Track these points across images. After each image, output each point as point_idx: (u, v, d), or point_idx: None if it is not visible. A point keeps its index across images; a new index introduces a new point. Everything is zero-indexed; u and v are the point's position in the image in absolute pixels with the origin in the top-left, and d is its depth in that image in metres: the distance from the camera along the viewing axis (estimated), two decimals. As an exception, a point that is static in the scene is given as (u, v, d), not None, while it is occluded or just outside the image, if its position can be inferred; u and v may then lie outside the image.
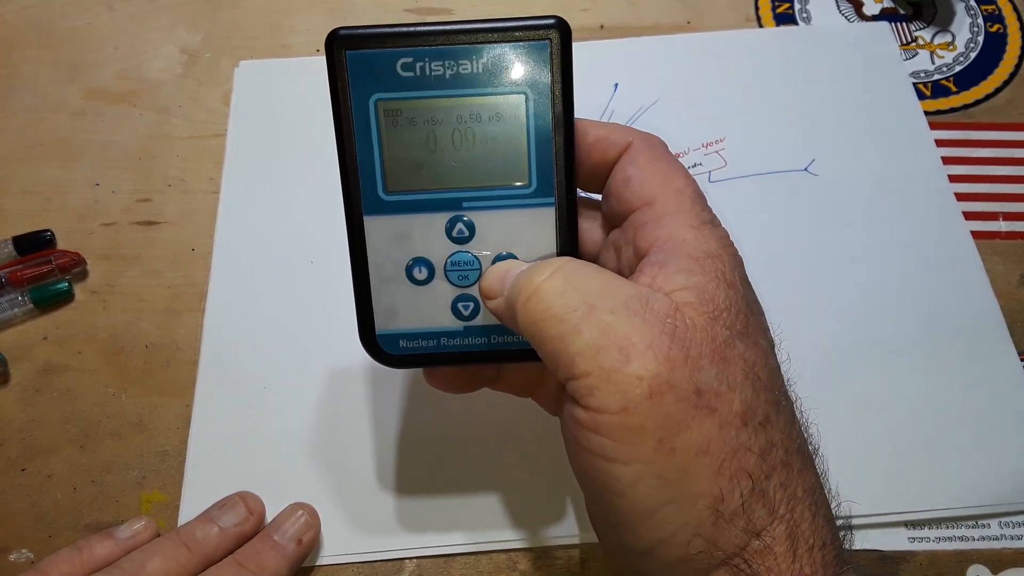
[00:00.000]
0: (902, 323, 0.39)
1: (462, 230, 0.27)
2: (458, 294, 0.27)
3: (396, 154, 0.26)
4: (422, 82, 0.25)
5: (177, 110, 0.47)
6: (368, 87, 0.26)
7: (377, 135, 0.26)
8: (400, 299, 0.27)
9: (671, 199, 0.26)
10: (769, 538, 0.22)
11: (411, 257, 0.27)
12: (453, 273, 0.27)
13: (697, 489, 0.22)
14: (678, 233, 0.25)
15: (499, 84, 0.25)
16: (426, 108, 0.25)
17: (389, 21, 0.49)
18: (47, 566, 0.31)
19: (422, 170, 0.26)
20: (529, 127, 0.26)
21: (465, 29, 0.25)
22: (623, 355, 0.22)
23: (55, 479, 0.37)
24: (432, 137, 0.26)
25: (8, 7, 0.50)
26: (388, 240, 0.27)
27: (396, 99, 0.25)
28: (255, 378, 0.38)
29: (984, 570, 0.34)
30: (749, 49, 0.48)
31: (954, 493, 0.35)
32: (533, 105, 0.25)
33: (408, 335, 0.28)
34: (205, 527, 0.32)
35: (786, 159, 0.44)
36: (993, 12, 0.50)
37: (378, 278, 0.27)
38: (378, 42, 0.25)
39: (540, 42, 0.25)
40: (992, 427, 0.37)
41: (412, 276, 0.27)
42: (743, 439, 0.22)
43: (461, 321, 0.27)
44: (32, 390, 0.39)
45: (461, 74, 0.25)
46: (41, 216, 0.43)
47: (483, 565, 0.35)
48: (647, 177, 0.26)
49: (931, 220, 0.42)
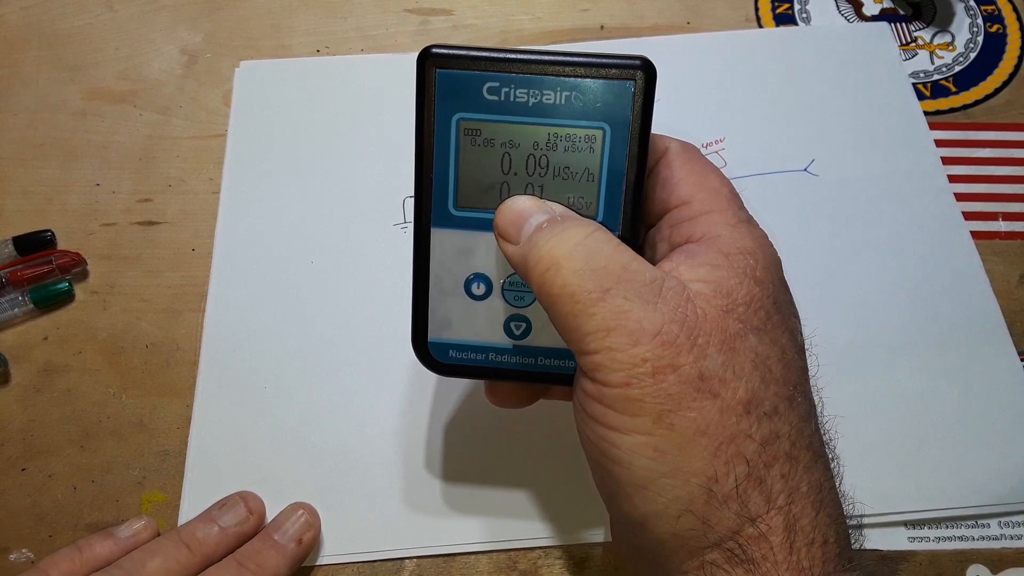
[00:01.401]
0: (902, 323, 0.39)
1: None
2: (512, 313, 0.28)
3: (471, 172, 0.26)
4: (505, 107, 0.26)
5: (177, 110, 0.47)
6: (453, 105, 0.26)
7: (456, 152, 0.26)
8: (456, 311, 0.28)
9: (708, 198, 0.26)
10: (764, 526, 0.22)
11: (471, 272, 0.28)
12: (510, 293, 0.28)
13: (692, 467, 0.22)
14: (714, 229, 0.26)
15: (580, 117, 0.26)
16: (505, 131, 0.26)
17: (389, 21, 0.50)
18: (47, 566, 0.31)
19: (493, 190, 0.27)
20: (603, 162, 0.26)
21: (556, 60, 0.25)
22: (631, 338, 0.22)
23: (55, 479, 0.37)
24: (507, 160, 0.26)
25: (8, 7, 0.50)
26: (452, 253, 0.27)
27: (478, 120, 0.26)
28: (255, 378, 0.38)
29: (984, 570, 0.34)
30: (749, 49, 0.48)
31: (954, 493, 0.35)
32: (610, 141, 0.26)
33: (459, 346, 0.28)
34: (205, 527, 0.32)
35: (786, 159, 0.44)
36: (993, 12, 0.50)
37: (437, 288, 0.28)
38: (468, 64, 0.26)
39: (626, 81, 0.25)
40: (992, 427, 0.37)
41: (470, 291, 0.28)
42: (744, 426, 0.22)
43: (512, 340, 0.28)
44: (32, 390, 0.39)
45: (544, 103, 0.26)
46: (41, 216, 0.43)
47: (483, 565, 0.35)
48: (684, 178, 0.27)
49: (931, 220, 0.42)
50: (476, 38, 0.49)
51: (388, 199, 0.43)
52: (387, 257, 0.41)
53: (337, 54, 0.48)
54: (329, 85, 0.47)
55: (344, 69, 0.47)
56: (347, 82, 0.47)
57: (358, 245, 0.41)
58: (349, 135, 0.45)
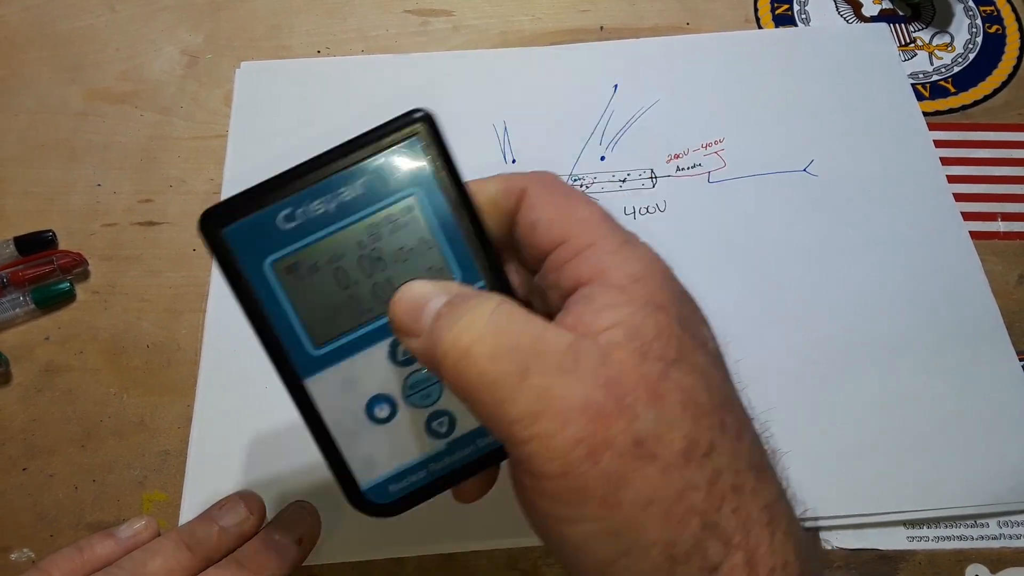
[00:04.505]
0: (901, 323, 0.39)
1: (406, 351, 0.25)
2: (427, 415, 0.26)
3: (311, 306, 0.25)
4: (308, 227, 0.24)
5: (178, 111, 0.47)
6: (257, 253, 0.24)
7: (285, 295, 0.25)
8: (372, 445, 0.26)
9: (582, 231, 0.25)
10: (727, 568, 0.22)
11: (367, 399, 0.26)
12: (414, 396, 0.26)
13: (647, 539, 0.21)
14: (599, 263, 0.24)
15: (385, 196, 0.25)
16: (323, 249, 0.24)
17: (389, 22, 0.50)
18: (48, 565, 0.31)
19: (343, 310, 0.25)
20: (431, 223, 0.25)
21: (331, 157, 0.25)
22: (560, 420, 0.21)
23: (56, 478, 0.37)
24: (341, 274, 0.25)
25: (10, 8, 0.51)
26: (337, 393, 0.25)
27: (289, 253, 0.24)
28: (256, 378, 0.38)
29: (983, 569, 0.34)
30: (748, 50, 0.48)
31: (953, 493, 0.35)
32: (427, 201, 0.25)
33: (395, 477, 0.26)
34: (206, 527, 0.32)
35: (785, 160, 0.44)
36: (992, 13, 0.50)
37: (342, 434, 0.26)
38: (248, 207, 0.24)
39: (409, 139, 0.25)
40: (990, 427, 0.37)
41: (375, 417, 0.26)
42: (688, 477, 0.22)
43: (442, 440, 0.26)
44: (34, 390, 0.39)
45: (344, 202, 0.24)
46: (43, 216, 0.43)
47: (483, 565, 0.35)
48: (551, 216, 0.25)
49: (930, 220, 0.42)
50: (476, 39, 0.49)
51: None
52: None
53: (338, 55, 0.48)
54: (329, 86, 0.47)
55: (345, 70, 0.47)
56: (348, 83, 0.47)
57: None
58: (349, 135, 0.45)
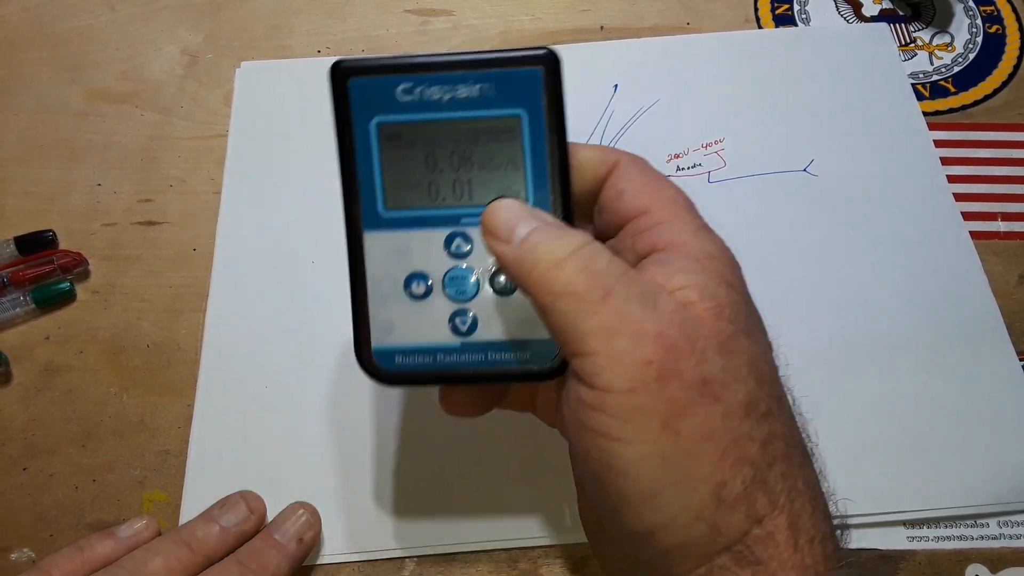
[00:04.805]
0: (901, 323, 0.39)
1: (460, 245, 0.27)
2: (456, 309, 0.27)
3: (396, 173, 0.27)
4: (420, 106, 0.26)
5: (178, 111, 0.47)
6: (369, 111, 0.27)
7: (378, 155, 0.27)
8: (397, 314, 0.27)
9: (666, 207, 0.27)
10: (771, 526, 0.22)
11: (409, 271, 0.27)
12: (451, 288, 0.27)
13: (700, 473, 0.22)
14: (678, 237, 0.26)
15: (495, 106, 0.26)
16: (425, 130, 0.26)
17: (389, 21, 0.50)
18: (48, 565, 0.31)
19: (421, 187, 0.27)
20: (525, 145, 0.26)
21: (463, 60, 0.26)
22: (635, 340, 0.22)
23: (56, 478, 0.37)
24: (431, 158, 0.27)
25: (9, 8, 0.51)
26: (387, 255, 0.27)
27: (396, 122, 0.26)
28: (256, 378, 0.39)
29: (983, 569, 0.34)
30: (748, 50, 0.48)
31: (953, 492, 0.35)
32: (529, 126, 0.26)
33: (405, 350, 0.27)
34: (206, 526, 0.32)
35: (785, 160, 0.44)
36: (992, 13, 0.50)
37: (376, 293, 0.27)
38: (379, 70, 0.26)
39: (532, 68, 0.26)
40: (991, 427, 0.37)
41: (410, 290, 0.27)
42: (746, 428, 0.23)
43: (459, 337, 0.27)
44: (34, 390, 0.39)
45: (458, 98, 0.26)
46: (43, 216, 0.43)
47: (483, 565, 0.35)
48: (639, 188, 0.27)
49: (930, 220, 0.42)
50: (476, 39, 0.49)
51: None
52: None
53: (338, 55, 0.48)
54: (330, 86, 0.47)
55: (345, 70, 0.48)
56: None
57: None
58: None
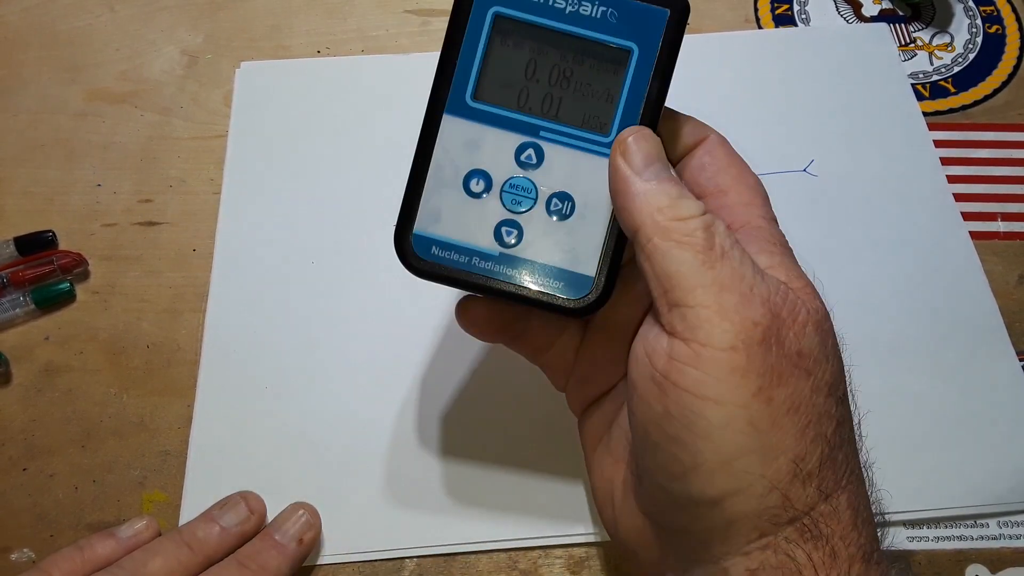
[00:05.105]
0: (901, 323, 0.39)
1: (531, 156, 0.27)
2: (506, 218, 0.27)
3: (494, 68, 0.27)
4: (541, 10, 0.26)
5: (178, 111, 0.47)
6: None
7: (485, 43, 0.26)
8: (448, 204, 0.27)
9: (745, 191, 0.27)
10: (836, 503, 0.23)
11: (474, 166, 0.27)
12: (508, 195, 0.27)
13: (782, 444, 0.22)
14: (753, 220, 0.26)
15: (612, 33, 0.26)
16: (538, 34, 0.26)
17: (389, 22, 0.50)
18: (48, 565, 0.31)
19: (513, 89, 0.27)
20: (626, 81, 0.26)
21: None
22: (745, 301, 0.23)
23: (56, 479, 0.37)
24: (533, 65, 0.26)
25: (9, 8, 0.51)
26: (458, 144, 0.27)
27: (513, 17, 0.26)
28: (256, 378, 0.39)
29: (983, 569, 0.34)
30: (748, 50, 0.48)
31: (952, 493, 0.35)
32: (636, 64, 0.26)
33: (443, 243, 0.27)
34: (206, 527, 0.32)
35: (785, 160, 0.44)
36: (992, 13, 0.50)
37: (436, 177, 0.27)
38: None
39: (661, 8, 0.26)
40: (990, 427, 0.37)
41: (468, 186, 0.27)
42: (828, 407, 0.23)
43: (500, 246, 0.27)
44: (34, 390, 0.39)
45: (580, 13, 0.26)
46: (43, 217, 0.43)
47: (483, 565, 0.35)
48: (724, 167, 0.28)
49: (930, 221, 0.42)
50: (476, 39, 0.49)
51: (389, 199, 0.43)
52: (388, 258, 0.41)
53: (337, 55, 0.48)
54: (329, 86, 0.47)
55: (344, 70, 0.47)
56: (347, 83, 0.47)
57: (358, 246, 0.41)
58: (349, 136, 0.45)
